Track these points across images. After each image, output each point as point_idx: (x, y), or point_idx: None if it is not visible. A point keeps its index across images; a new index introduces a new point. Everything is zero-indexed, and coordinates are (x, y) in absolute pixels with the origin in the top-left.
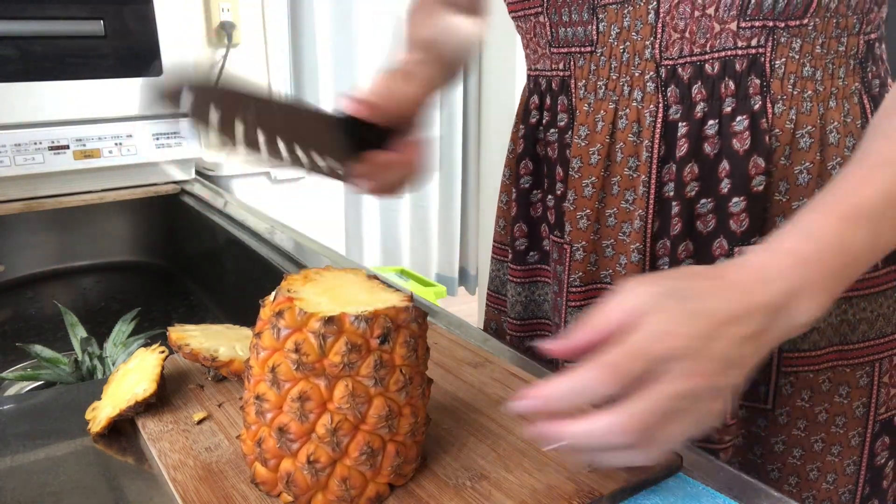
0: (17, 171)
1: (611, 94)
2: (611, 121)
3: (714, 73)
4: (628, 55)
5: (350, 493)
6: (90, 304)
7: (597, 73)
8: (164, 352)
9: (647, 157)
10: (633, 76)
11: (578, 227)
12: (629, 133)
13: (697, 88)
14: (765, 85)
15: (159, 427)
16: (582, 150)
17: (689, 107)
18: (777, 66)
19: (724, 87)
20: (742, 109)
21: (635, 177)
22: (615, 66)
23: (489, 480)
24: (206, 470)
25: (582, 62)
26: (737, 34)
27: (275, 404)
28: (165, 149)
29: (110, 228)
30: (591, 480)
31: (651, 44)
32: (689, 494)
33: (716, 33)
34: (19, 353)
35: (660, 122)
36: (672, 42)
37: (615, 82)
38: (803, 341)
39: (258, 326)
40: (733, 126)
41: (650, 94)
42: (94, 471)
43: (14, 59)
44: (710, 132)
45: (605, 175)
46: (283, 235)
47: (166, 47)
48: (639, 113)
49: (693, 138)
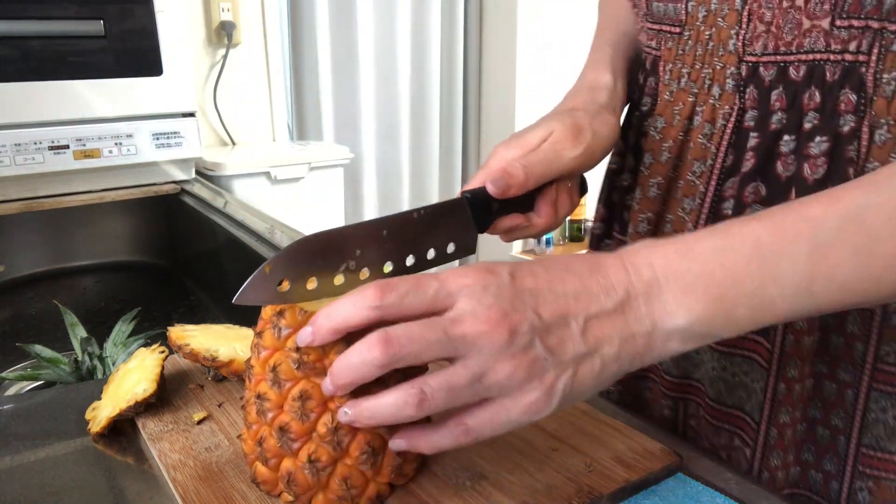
0: (16, 171)
1: (692, 85)
2: (687, 115)
3: (799, 78)
4: (713, 43)
5: (351, 492)
6: (90, 304)
7: (682, 58)
8: (164, 352)
9: (710, 164)
10: (714, 69)
11: (638, 231)
12: (699, 133)
13: (778, 94)
14: (862, 102)
15: (159, 427)
16: (655, 144)
17: (764, 114)
18: (885, 81)
19: (807, 98)
20: (824, 129)
21: (696, 184)
22: (700, 53)
23: (489, 480)
24: (206, 470)
25: (670, 44)
26: (830, 34)
27: (276, 403)
28: (165, 149)
29: (110, 228)
30: (591, 481)
31: (736, 34)
32: (689, 494)
33: (805, 30)
34: (19, 353)
35: (731, 126)
36: (757, 35)
37: (698, 73)
38: (890, 440)
39: (259, 326)
40: (809, 147)
41: (728, 93)
42: (94, 471)
43: (14, 59)
44: (784, 149)
45: (672, 175)
46: (283, 235)
47: (166, 47)
48: (713, 112)
49: (763, 153)
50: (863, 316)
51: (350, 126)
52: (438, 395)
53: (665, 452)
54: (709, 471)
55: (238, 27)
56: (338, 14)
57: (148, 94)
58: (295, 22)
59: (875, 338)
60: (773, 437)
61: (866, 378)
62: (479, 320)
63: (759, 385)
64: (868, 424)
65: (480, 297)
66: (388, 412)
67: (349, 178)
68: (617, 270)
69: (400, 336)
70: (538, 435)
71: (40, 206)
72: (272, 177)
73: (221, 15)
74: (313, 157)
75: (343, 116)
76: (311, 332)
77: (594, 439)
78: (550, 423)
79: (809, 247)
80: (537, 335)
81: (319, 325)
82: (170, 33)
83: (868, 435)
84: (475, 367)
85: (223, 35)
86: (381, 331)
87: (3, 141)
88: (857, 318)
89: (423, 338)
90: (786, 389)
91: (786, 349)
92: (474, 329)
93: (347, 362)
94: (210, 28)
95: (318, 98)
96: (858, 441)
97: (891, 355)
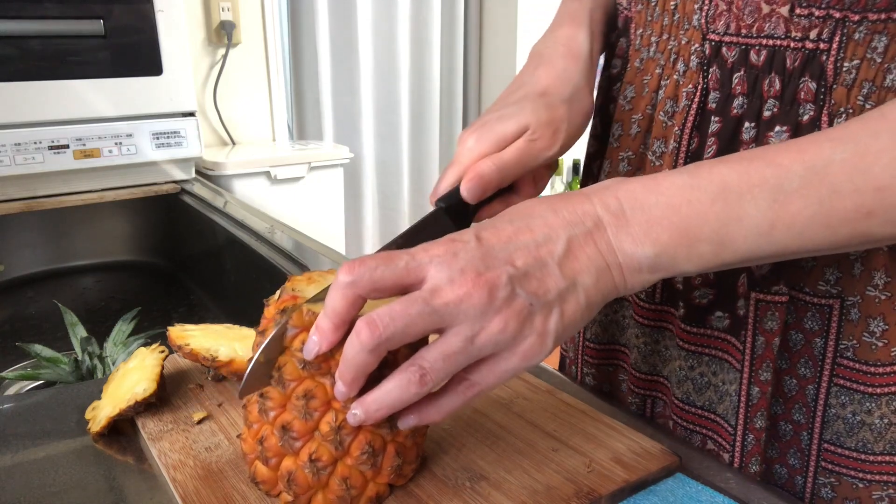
0: (16, 171)
1: (660, 56)
2: (654, 88)
3: (760, 63)
4: (679, 15)
5: (350, 492)
6: (90, 304)
7: (651, 25)
8: (164, 351)
9: (674, 147)
10: (680, 42)
11: None
12: (661, 110)
13: (739, 77)
14: (822, 91)
15: (159, 427)
16: (624, 114)
17: (726, 98)
18: (846, 70)
19: (767, 84)
20: (785, 118)
21: (656, 166)
22: (666, 24)
23: (488, 481)
24: (206, 469)
25: (640, 6)
26: (790, 21)
27: (278, 402)
28: (165, 148)
29: (110, 228)
30: (590, 481)
31: (699, 8)
32: (688, 495)
33: (764, 15)
34: (19, 353)
35: (695, 107)
36: (719, 13)
37: (665, 43)
38: (849, 436)
39: (262, 325)
40: (769, 137)
41: (692, 71)
42: (94, 470)
43: (14, 59)
44: (746, 137)
45: (642, 152)
46: (283, 235)
47: (166, 47)
48: (676, 89)
49: (725, 139)
50: (821, 312)
51: (350, 126)
52: (437, 366)
53: (664, 453)
54: (709, 471)
55: (238, 27)
56: (338, 14)
57: (148, 93)
58: (295, 22)
59: (834, 334)
60: (750, 441)
61: (826, 373)
62: (456, 286)
63: (734, 388)
64: (829, 420)
65: (451, 263)
66: (393, 396)
67: (349, 178)
68: (583, 202)
69: (382, 316)
70: (538, 435)
71: (40, 206)
72: (272, 177)
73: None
74: (313, 156)
75: (343, 116)
76: (316, 341)
77: (593, 440)
78: (550, 424)
79: (773, 193)
80: (517, 284)
81: (321, 327)
82: (170, 33)
83: (829, 431)
84: (466, 331)
85: (223, 35)
86: (365, 315)
87: (3, 141)
88: (815, 315)
89: (406, 313)
90: (760, 393)
91: (757, 351)
92: (454, 295)
93: (344, 357)
94: (210, 28)
95: (318, 98)
96: (820, 437)
97: (850, 350)
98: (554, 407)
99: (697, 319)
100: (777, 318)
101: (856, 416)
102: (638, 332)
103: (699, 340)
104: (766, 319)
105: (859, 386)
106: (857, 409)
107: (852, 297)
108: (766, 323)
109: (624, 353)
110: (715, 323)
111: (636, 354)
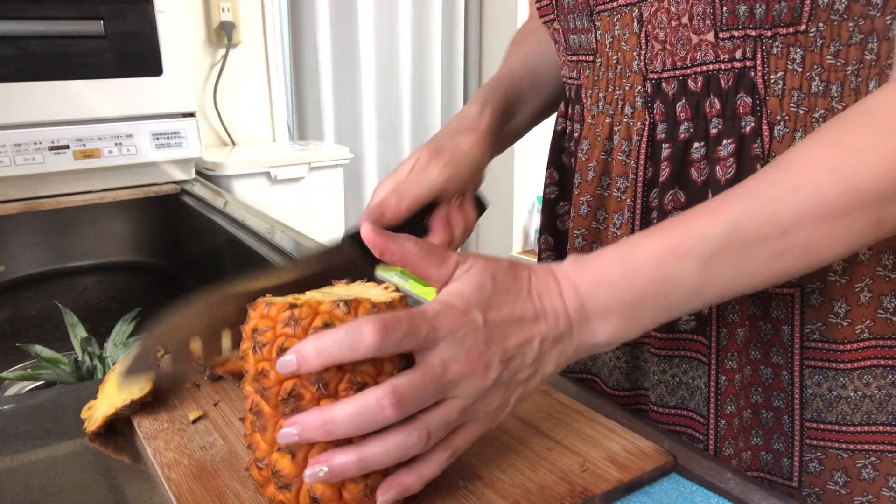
0: (16, 171)
1: (608, 107)
2: (606, 136)
3: (698, 89)
4: (620, 66)
5: None
6: (90, 304)
7: (598, 83)
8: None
9: (633, 179)
10: (624, 89)
11: (575, 247)
12: (618, 151)
13: (682, 105)
14: (758, 103)
15: (155, 426)
16: (582, 164)
17: (672, 126)
18: (773, 82)
19: (708, 106)
20: (729, 132)
21: (623, 199)
22: (611, 77)
23: (482, 480)
24: (201, 468)
25: (588, 71)
26: (717, 46)
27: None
28: (165, 149)
29: (110, 228)
30: (584, 480)
31: (638, 55)
32: (683, 495)
33: (694, 45)
34: (19, 353)
35: (645, 141)
36: (655, 54)
37: (611, 95)
38: (829, 411)
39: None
40: (718, 151)
41: (638, 111)
42: (93, 470)
43: (14, 59)
44: (696, 156)
45: (599, 193)
46: (283, 236)
47: (166, 47)
48: (629, 130)
49: (677, 162)
50: (784, 302)
51: (350, 126)
52: (440, 431)
53: (659, 453)
54: (708, 471)
55: (238, 27)
56: (338, 14)
57: (148, 94)
58: (295, 22)
59: (798, 320)
60: (722, 427)
61: (797, 358)
62: (462, 365)
63: (703, 381)
64: (807, 399)
65: (461, 343)
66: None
67: (349, 178)
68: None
69: (410, 396)
70: (532, 435)
71: (40, 206)
72: (272, 177)
73: (221, 15)
74: (313, 157)
75: (343, 116)
76: (295, 362)
77: (588, 439)
78: (545, 424)
79: (699, 261)
80: (503, 365)
81: (307, 357)
82: (170, 33)
83: (809, 410)
84: (464, 403)
85: (223, 35)
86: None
87: (3, 141)
88: (779, 304)
89: (426, 392)
90: (727, 381)
91: (722, 343)
92: (459, 373)
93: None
94: (210, 28)
95: (319, 98)
96: (801, 417)
97: (815, 332)
98: (549, 406)
99: (667, 326)
100: (738, 311)
101: (832, 392)
102: (619, 352)
103: (670, 345)
104: (727, 313)
105: (830, 364)
106: (832, 386)
107: (812, 284)
108: (728, 316)
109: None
110: (682, 326)
111: (618, 375)
